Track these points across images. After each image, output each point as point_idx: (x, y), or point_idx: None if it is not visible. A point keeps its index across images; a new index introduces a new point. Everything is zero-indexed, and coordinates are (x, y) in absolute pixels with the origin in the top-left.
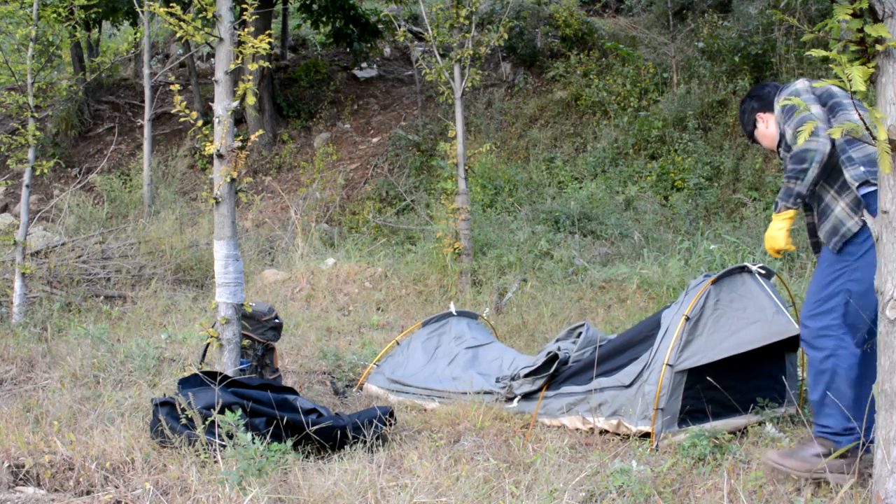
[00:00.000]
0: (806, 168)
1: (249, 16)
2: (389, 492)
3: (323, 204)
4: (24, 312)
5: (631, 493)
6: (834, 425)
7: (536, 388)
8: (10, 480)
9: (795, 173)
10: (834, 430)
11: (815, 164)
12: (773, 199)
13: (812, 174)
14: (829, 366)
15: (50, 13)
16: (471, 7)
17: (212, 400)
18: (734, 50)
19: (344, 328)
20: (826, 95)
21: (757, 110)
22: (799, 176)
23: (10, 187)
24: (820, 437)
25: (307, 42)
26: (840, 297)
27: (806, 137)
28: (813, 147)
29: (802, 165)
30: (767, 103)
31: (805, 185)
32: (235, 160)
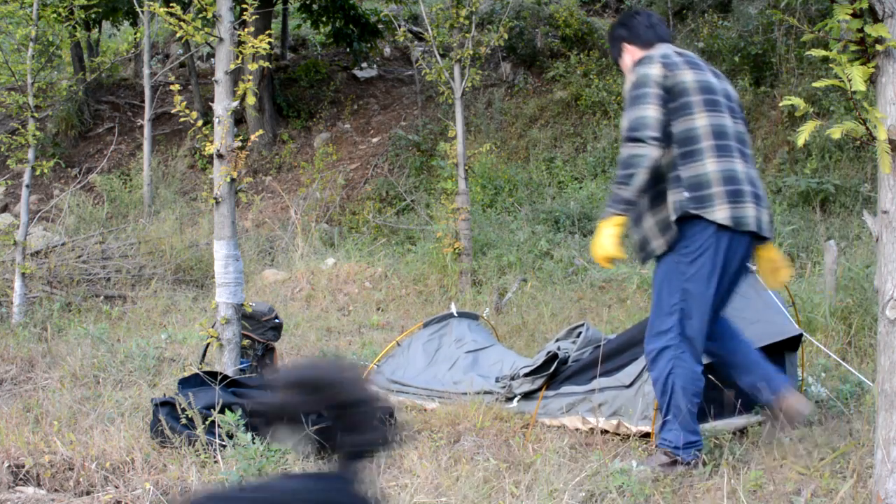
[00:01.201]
0: (632, 174)
1: (249, 16)
2: (389, 492)
3: (323, 204)
4: (24, 312)
5: (631, 493)
6: (674, 439)
7: (536, 388)
8: (10, 480)
9: (622, 178)
10: (674, 443)
11: (643, 168)
12: (773, 199)
13: (639, 180)
14: (669, 384)
15: (50, 13)
16: (471, 7)
17: (212, 400)
18: (734, 50)
19: (344, 328)
20: (677, 91)
21: (624, 40)
22: (625, 181)
23: (10, 187)
24: (663, 448)
25: (307, 42)
26: (675, 316)
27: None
28: (639, 153)
29: (629, 171)
30: (636, 36)
31: (632, 190)
32: (235, 160)
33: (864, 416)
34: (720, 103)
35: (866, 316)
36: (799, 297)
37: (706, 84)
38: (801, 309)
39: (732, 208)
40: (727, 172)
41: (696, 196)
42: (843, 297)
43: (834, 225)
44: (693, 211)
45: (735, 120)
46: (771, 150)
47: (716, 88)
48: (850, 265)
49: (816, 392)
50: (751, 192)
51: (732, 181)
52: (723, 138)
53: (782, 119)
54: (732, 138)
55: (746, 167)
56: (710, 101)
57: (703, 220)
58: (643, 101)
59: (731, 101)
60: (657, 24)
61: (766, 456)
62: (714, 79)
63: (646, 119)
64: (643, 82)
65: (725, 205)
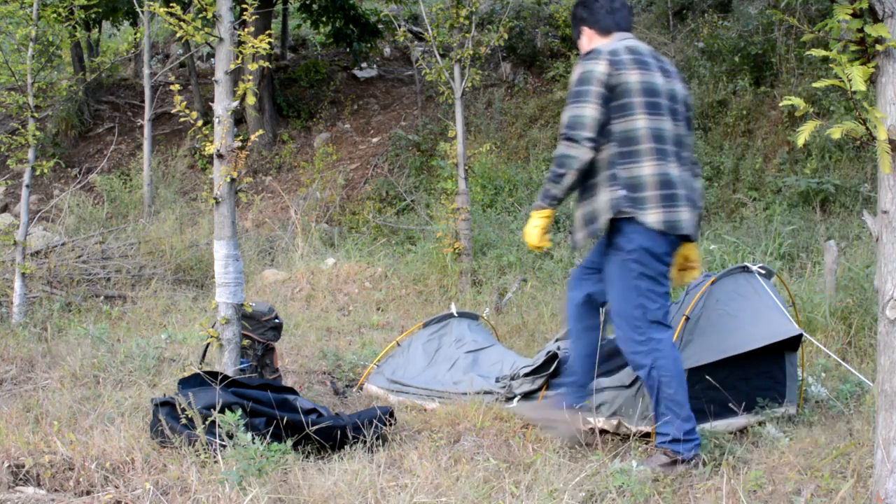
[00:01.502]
0: (563, 174)
1: (249, 16)
2: (389, 492)
3: (323, 204)
4: (24, 312)
5: (631, 493)
6: (672, 431)
7: (536, 388)
8: (10, 480)
9: (554, 176)
10: (673, 436)
11: (573, 170)
12: (773, 199)
13: (569, 180)
14: (655, 377)
15: (50, 13)
16: (471, 7)
17: (212, 400)
18: (734, 50)
19: (344, 328)
20: (620, 91)
21: (583, 22)
22: (557, 180)
23: (10, 187)
24: (662, 448)
25: (307, 42)
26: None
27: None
28: (573, 154)
29: (561, 170)
30: (595, 20)
31: (562, 189)
32: (235, 160)
33: (864, 416)
34: (662, 106)
35: (866, 316)
36: (799, 297)
37: (650, 86)
38: (801, 309)
39: (665, 212)
40: (663, 177)
41: (631, 196)
42: (843, 297)
43: (834, 225)
44: (627, 210)
45: (676, 122)
46: (771, 150)
47: (659, 90)
48: (850, 265)
49: (816, 392)
50: (685, 196)
51: (667, 185)
52: (661, 142)
53: (782, 119)
54: (670, 142)
55: (681, 171)
56: (651, 103)
57: (636, 220)
58: (584, 98)
59: (675, 103)
60: (619, 10)
61: (766, 456)
62: (661, 79)
63: (583, 118)
64: (587, 79)
65: (659, 209)
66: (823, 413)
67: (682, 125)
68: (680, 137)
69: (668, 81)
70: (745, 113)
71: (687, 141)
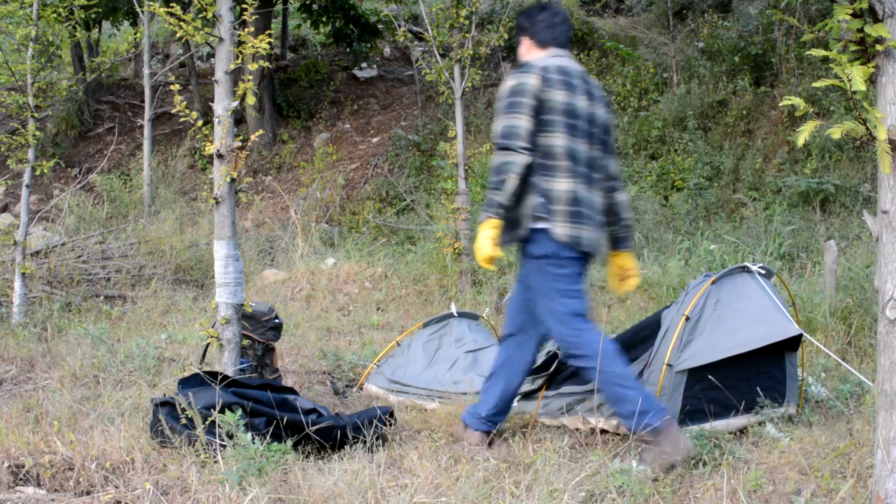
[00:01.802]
0: (504, 180)
1: (249, 16)
2: (389, 492)
3: (323, 204)
4: (24, 312)
5: (631, 493)
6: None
7: (536, 388)
8: (10, 480)
9: (495, 184)
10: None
11: (514, 174)
12: (773, 199)
13: (511, 185)
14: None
15: (50, 13)
16: (471, 7)
17: (212, 400)
18: (734, 50)
19: (344, 328)
20: (546, 108)
21: (524, 32)
22: (498, 186)
23: (10, 187)
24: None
25: (307, 42)
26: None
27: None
28: (510, 160)
29: (501, 177)
30: (534, 33)
31: (505, 195)
32: (235, 160)
33: (864, 416)
34: (579, 128)
35: (866, 316)
36: (799, 297)
37: (572, 107)
38: (801, 309)
39: (571, 227)
40: (572, 194)
41: (546, 207)
42: (843, 297)
43: (834, 225)
44: (542, 216)
45: (592, 145)
46: (771, 150)
47: (580, 113)
48: (850, 265)
49: (816, 392)
50: (589, 216)
51: (576, 203)
52: (575, 162)
53: (782, 119)
54: (583, 163)
55: (590, 192)
56: (570, 124)
57: (547, 231)
58: (517, 109)
59: (593, 126)
60: (558, 25)
61: (766, 456)
62: (584, 102)
63: (517, 129)
64: (520, 91)
65: (567, 223)
66: (823, 413)
67: (597, 148)
68: (593, 160)
69: (591, 105)
70: (745, 113)
71: (600, 163)
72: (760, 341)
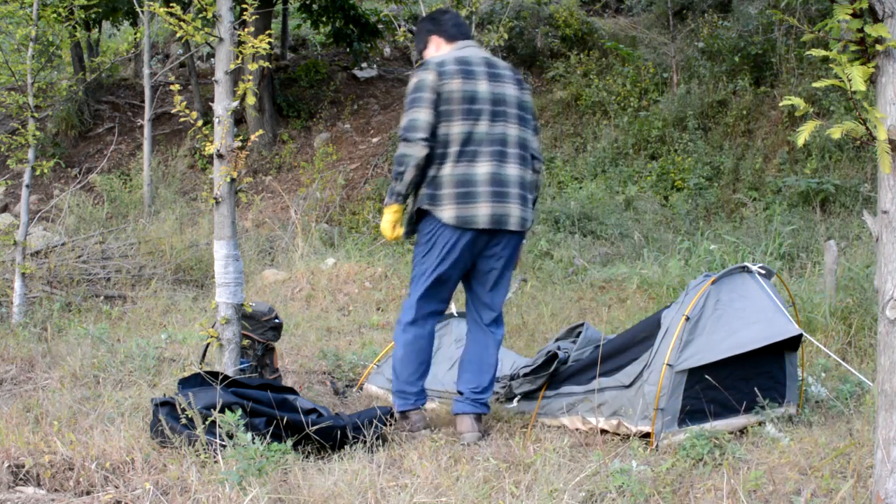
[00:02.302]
0: (403, 171)
1: (249, 16)
2: (389, 492)
3: (323, 204)
4: (24, 312)
5: (631, 493)
6: (398, 404)
7: (536, 388)
8: (10, 480)
9: (396, 174)
10: (394, 390)
11: (411, 167)
12: (773, 199)
13: (408, 176)
14: (396, 340)
15: (50, 13)
16: (471, 7)
17: (212, 400)
18: (734, 50)
19: (344, 328)
20: (444, 99)
21: (432, 32)
22: (398, 177)
23: (10, 187)
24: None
25: (307, 42)
26: (415, 284)
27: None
28: (408, 152)
29: (400, 168)
30: (443, 30)
31: (404, 185)
32: (235, 160)
33: (864, 416)
34: (481, 111)
35: (866, 316)
36: (799, 297)
37: (470, 93)
38: (801, 309)
39: (459, 208)
40: (463, 177)
41: (431, 194)
42: (843, 297)
43: (834, 225)
44: (426, 207)
45: (498, 123)
46: (771, 150)
47: (479, 97)
48: (850, 265)
49: (816, 392)
50: (489, 193)
51: (465, 184)
52: (469, 144)
53: (782, 119)
54: (486, 143)
55: (500, 168)
56: (468, 109)
57: (433, 216)
58: (418, 104)
59: (499, 105)
60: (462, 24)
61: (766, 456)
62: (486, 85)
63: (417, 122)
64: (420, 87)
65: (453, 205)
66: (823, 413)
67: (512, 125)
68: (499, 136)
69: (497, 86)
70: (745, 113)
71: (516, 139)
72: (760, 341)
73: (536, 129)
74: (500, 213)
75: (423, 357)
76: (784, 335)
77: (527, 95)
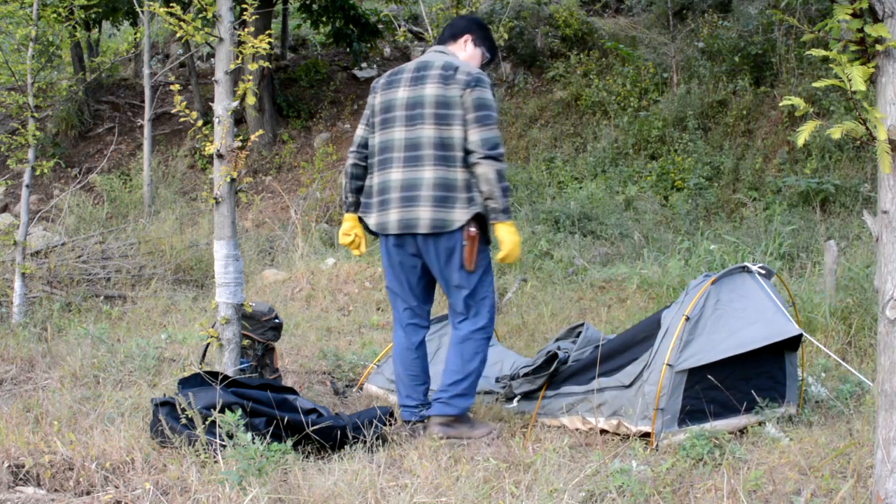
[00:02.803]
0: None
1: (249, 16)
2: (389, 492)
3: (323, 204)
4: (24, 312)
5: (631, 493)
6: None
7: (536, 388)
8: (10, 480)
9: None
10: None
11: (344, 177)
12: (773, 199)
13: (343, 183)
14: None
15: (50, 13)
16: (471, 7)
17: (212, 400)
18: (734, 50)
19: (344, 328)
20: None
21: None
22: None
23: (10, 187)
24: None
25: (307, 42)
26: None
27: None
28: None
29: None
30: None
31: (343, 193)
32: (235, 160)
33: (864, 416)
34: (395, 119)
35: (866, 316)
36: (799, 297)
37: (387, 104)
38: (801, 309)
39: (378, 215)
40: (381, 185)
41: (364, 202)
42: (843, 297)
43: (834, 225)
44: (361, 213)
45: (410, 128)
46: (771, 150)
47: (395, 104)
48: (850, 265)
49: (816, 392)
50: (399, 198)
51: (382, 192)
52: (386, 153)
53: (782, 119)
54: (398, 150)
55: (412, 172)
56: (385, 119)
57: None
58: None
59: (415, 109)
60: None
61: (766, 456)
62: (403, 92)
63: (355, 137)
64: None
65: (374, 213)
66: (823, 413)
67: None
68: (419, 140)
69: (415, 90)
70: (745, 113)
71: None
72: (760, 341)
73: (479, 121)
74: (407, 218)
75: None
76: (784, 335)
77: (453, 90)
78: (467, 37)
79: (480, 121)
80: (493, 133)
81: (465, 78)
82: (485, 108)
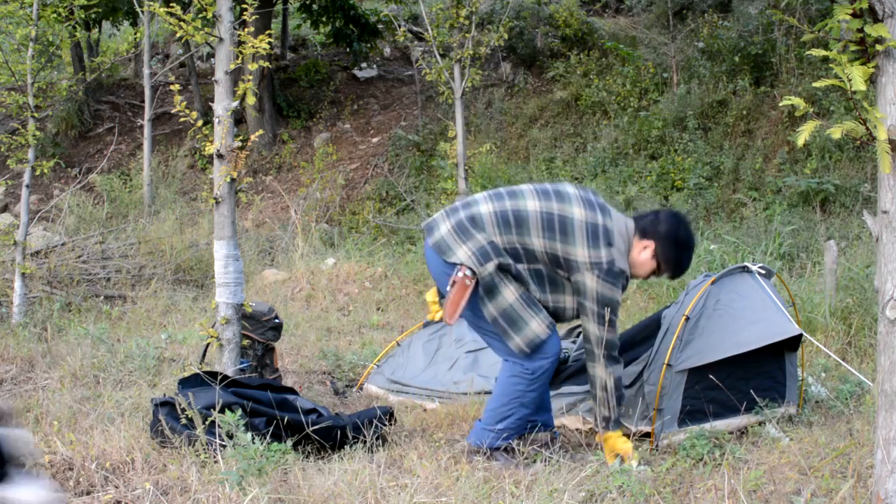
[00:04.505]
0: None
1: (249, 16)
2: (389, 492)
3: (323, 204)
4: (24, 312)
5: (631, 493)
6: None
7: None
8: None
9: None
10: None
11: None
12: (773, 199)
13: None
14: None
15: (50, 13)
16: (471, 7)
17: (212, 400)
18: (734, 50)
19: (344, 328)
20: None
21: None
22: None
23: (10, 187)
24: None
25: (307, 42)
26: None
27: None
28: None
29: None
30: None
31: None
32: (235, 160)
33: (864, 416)
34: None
35: (866, 316)
36: (799, 297)
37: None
38: (801, 309)
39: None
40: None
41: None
42: (843, 297)
43: (834, 225)
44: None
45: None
46: (771, 150)
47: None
48: (850, 265)
49: (816, 392)
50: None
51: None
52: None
53: (782, 119)
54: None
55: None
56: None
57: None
58: None
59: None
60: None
61: (766, 456)
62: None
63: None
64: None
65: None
66: (823, 413)
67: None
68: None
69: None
70: (745, 113)
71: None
72: (760, 341)
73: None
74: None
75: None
76: (784, 335)
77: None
78: (652, 244)
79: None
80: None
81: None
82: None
